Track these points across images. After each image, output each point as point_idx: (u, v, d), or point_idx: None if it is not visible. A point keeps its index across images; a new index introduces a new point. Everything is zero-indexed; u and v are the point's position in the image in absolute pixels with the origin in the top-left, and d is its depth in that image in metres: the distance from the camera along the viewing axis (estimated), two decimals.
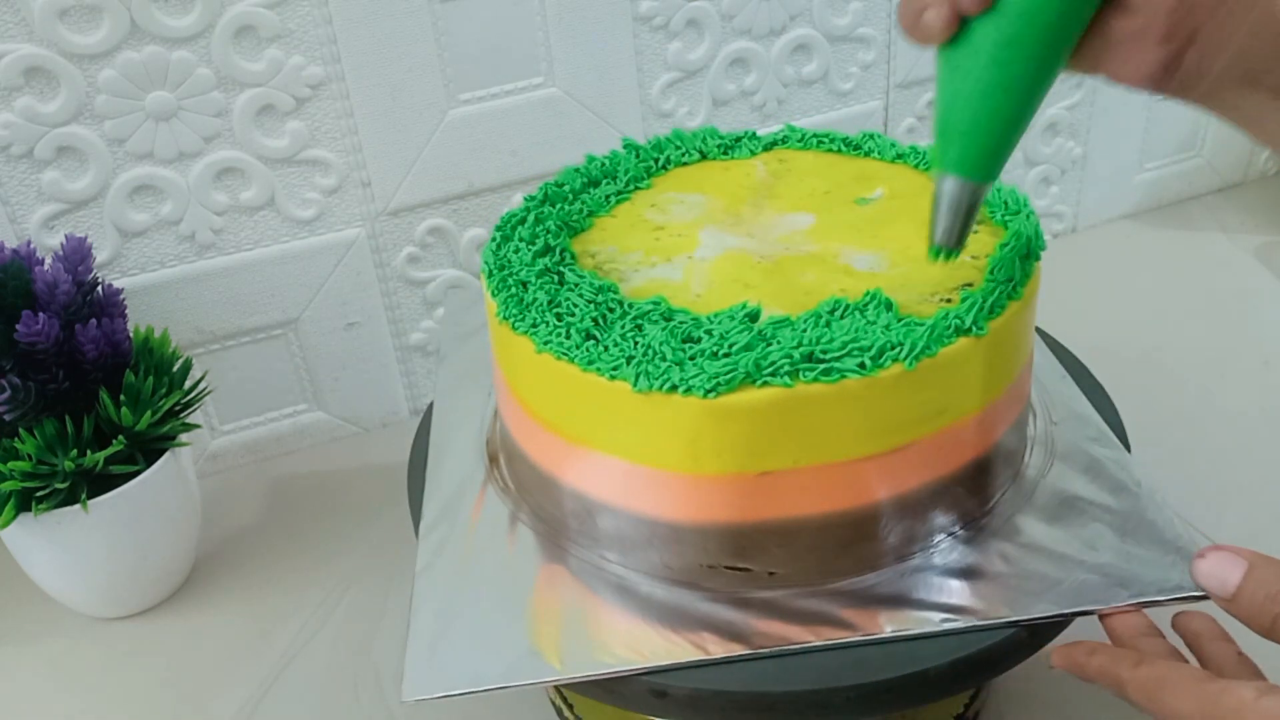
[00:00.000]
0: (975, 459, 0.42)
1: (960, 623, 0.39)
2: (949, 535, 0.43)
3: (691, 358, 0.38)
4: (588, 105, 0.69)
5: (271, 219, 0.65)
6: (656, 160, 0.54)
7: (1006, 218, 0.46)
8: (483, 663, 0.40)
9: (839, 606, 0.40)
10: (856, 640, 0.39)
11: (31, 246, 0.54)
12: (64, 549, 0.55)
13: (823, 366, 0.37)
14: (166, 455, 0.56)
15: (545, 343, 0.41)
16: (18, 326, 0.50)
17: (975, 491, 0.43)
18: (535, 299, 0.43)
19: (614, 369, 0.39)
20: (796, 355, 0.38)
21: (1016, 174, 0.86)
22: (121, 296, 0.56)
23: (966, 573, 0.41)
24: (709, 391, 0.38)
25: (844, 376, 0.37)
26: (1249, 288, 0.82)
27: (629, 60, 0.69)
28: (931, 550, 0.42)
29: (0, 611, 0.60)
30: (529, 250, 0.46)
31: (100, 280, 0.56)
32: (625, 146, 0.55)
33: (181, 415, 0.58)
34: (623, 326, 0.41)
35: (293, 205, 0.65)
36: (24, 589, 0.59)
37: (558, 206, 0.50)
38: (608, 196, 0.52)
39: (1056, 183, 0.88)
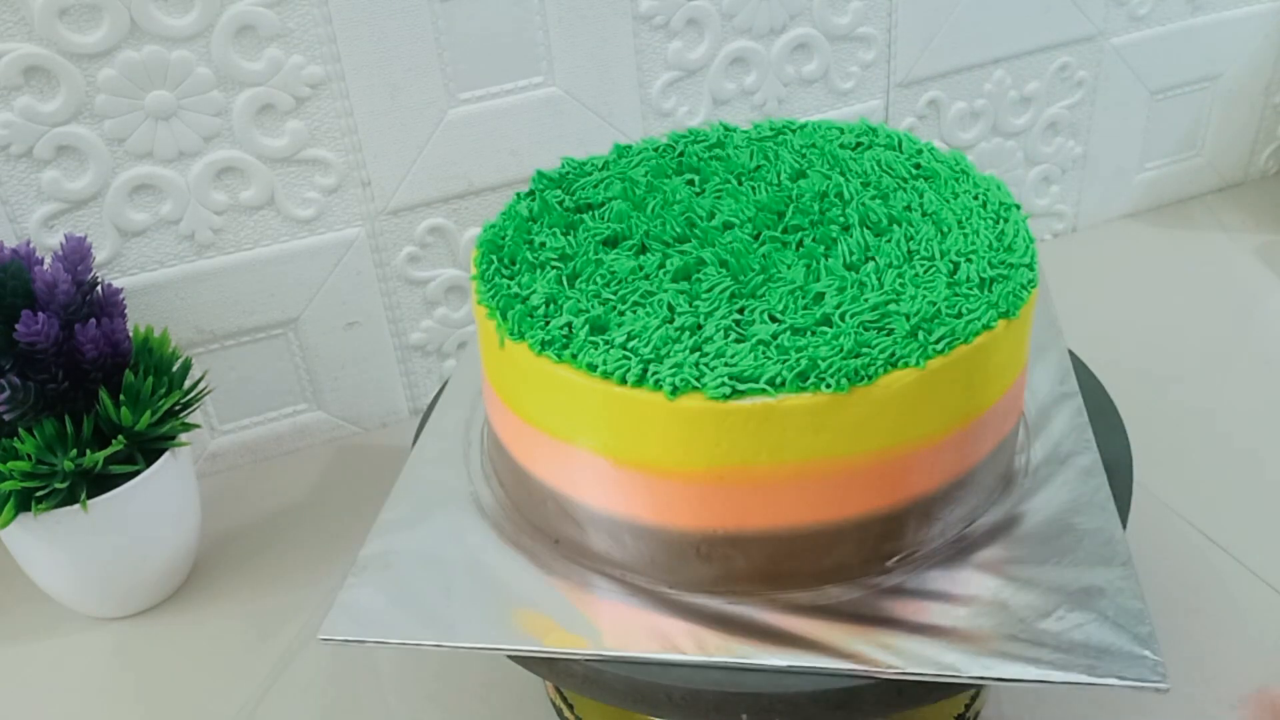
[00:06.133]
0: (703, 531, 0.40)
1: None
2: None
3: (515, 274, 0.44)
4: (588, 105, 0.69)
5: (271, 219, 0.65)
6: (860, 144, 0.52)
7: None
8: (404, 619, 0.43)
9: (665, 604, 0.41)
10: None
11: (31, 246, 0.54)
12: (64, 549, 0.55)
13: (562, 343, 0.40)
14: (166, 455, 0.56)
15: (489, 223, 0.48)
16: (17, 326, 0.50)
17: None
18: (542, 186, 0.50)
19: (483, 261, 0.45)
20: (554, 311, 0.41)
21: (1017, 174, 0.86)
22: (121, 296, 0.56)
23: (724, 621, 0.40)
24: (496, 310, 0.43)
25: (578, 366, 0.39)
26: (1249, 288, 0.82)
27: (629, 59, 0.69)
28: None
29: (0, 611, 0.60)
30: (603, 160, 0.52)
31: (100, 280, 0.56)
32: (873, 129, 0.53)
33: (181, 415, 0.57)
34: (545, 226, 0.47)
35: (292, 205, 0.65)
36: (24, 589, 0.59)
37: (701, 142, 0.53)
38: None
39: (1057, 182, 0.88)
